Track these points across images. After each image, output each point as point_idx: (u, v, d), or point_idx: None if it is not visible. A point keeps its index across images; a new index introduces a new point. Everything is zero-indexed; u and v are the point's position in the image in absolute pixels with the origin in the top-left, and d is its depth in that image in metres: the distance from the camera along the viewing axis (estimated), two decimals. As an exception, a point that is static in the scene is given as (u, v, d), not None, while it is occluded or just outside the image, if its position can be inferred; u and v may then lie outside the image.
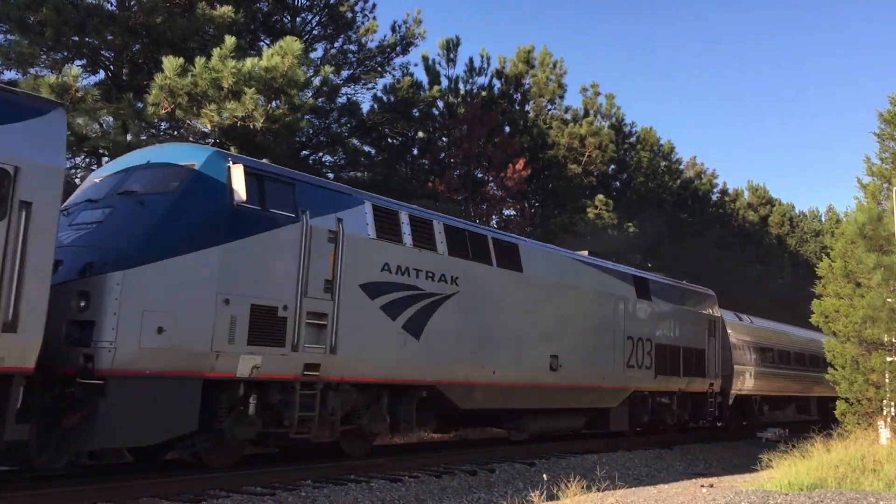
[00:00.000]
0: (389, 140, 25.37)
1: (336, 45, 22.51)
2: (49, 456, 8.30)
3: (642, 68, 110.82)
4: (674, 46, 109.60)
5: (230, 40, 15.12)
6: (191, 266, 8.98)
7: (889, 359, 16.86)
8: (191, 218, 9.23)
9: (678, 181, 37.62)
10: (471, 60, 27.76)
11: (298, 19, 21.74)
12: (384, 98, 23.68)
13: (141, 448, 10.09)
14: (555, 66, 29.04)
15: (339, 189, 11.70)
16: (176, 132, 17.08)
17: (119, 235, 8.93)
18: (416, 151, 26.50)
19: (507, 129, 27.13)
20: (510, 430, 15.67)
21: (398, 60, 23.43)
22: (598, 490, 10.10)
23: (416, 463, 12.74)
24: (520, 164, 24.55)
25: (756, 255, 41.48)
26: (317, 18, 22.06)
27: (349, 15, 22.03)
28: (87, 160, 17.35)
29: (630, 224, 28.85)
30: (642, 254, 31.22)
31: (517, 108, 28.65)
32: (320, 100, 20.88)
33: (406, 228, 12.03)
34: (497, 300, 13.51)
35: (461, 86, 27.22)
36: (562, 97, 29.48)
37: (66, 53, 16.17)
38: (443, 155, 25.94)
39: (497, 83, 28.39)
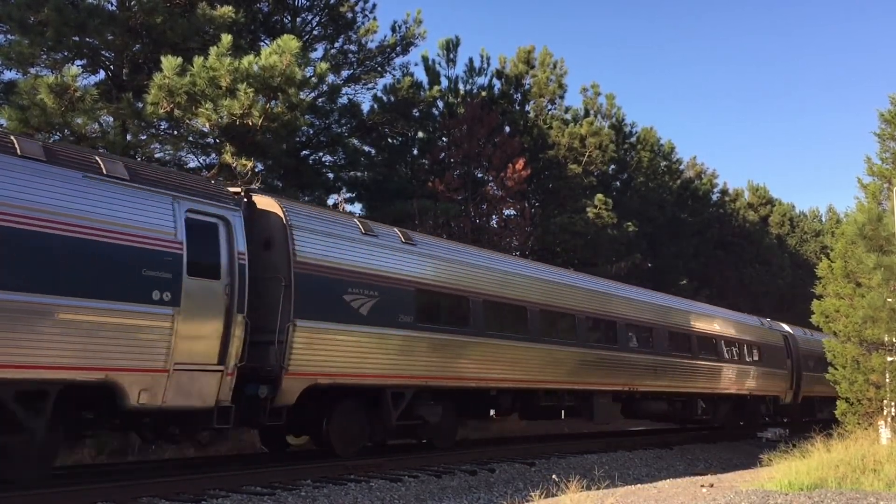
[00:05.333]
0: (389, 140, 25.37)
1: (336, 45, 22.51)
2: None
3: (642, 68, 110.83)
4: (674, 46, 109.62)
5: (227, 38, 15.10)
6: None
7: (889, 359, 16.86)
8: None
9: (678, 181, 37.60)
10: (471, 60, 27.80)
11: (298, 19, 21.73)
12: (384, 98, 23.68)
13: None
14: (555, 66, 29.04)
15: None
16: (175, 132, 17.07)
17: None
18: (416, 151, 26.50)
19: (507, 129, 27.11)
20: None
21: (398, 60, 23.45)
22: (598, 489, 10.10)
23: (416, 463, 12.74)
24: (520, 164, 24.54)
25: (756, 255, 41.43)
26: (317, 19, 22.05)
27: (349, 15, 22.02)
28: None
29: (630, 224, 28.81)
30: (642, 254, 31.22)
31: (517, 108, 28.63)
32: (320, 100, 20.87)
33: None
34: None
35: (461, 86, 27.25)
36: (562, 97, 29.49)
37: (66, 53, 16.16)
38: (443, 155, 25.94)
39: (497, 83, 28.41)
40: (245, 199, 11.04)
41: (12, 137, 8.67)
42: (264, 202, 11.36)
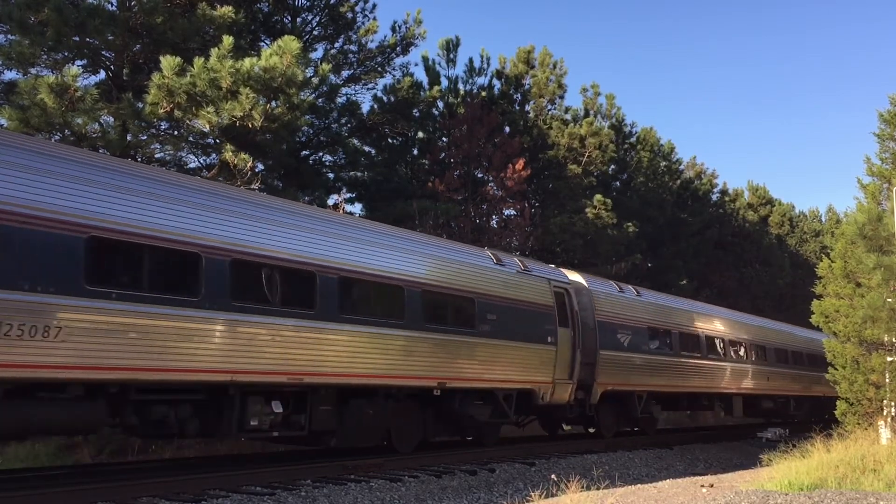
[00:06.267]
0: (389, 140, 25.37)
1: (336, 45, 22.51)
2: None
3: (642, 68, 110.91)
4: (673, 47, 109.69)
5: (228, 40, 15.11)
6: None
7: (889, 359, 16.86)
8: None
9: (678, 181, 37.59)
10: (471, 61, 27.80)
11: (299, 20, 21.73)
12: (384, 98, 23.68)
13: None
14: (555, 66, 29.01)
15: None
16: (175, 132, 17.07)
17: None
18: (416, 151, 26.50)
19: (507, 129, 27.10)
20: None
21: (398, 60, 23.44)
22: (598, 489, 10.10)
23: (416, 463, 12.74)
24: (520, 164, 24.53)
25: (756, 255, 41.43)
26: (317, 19, 22.05)
27: (349, 15, 22.01)
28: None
29: (630, 224, 28.81)
30: (642, 254, 31.22)
31: (517, 108, 28.62)
32: (320, 100, 20.86)
33: None
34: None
35: (461, 86, 27.23)
36: (562, 97, 29.45)
37: (66, 53, 16.14)
38: (443, 155, 25.93)
39: (497, 83, 28.39)
40: None
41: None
42: None
